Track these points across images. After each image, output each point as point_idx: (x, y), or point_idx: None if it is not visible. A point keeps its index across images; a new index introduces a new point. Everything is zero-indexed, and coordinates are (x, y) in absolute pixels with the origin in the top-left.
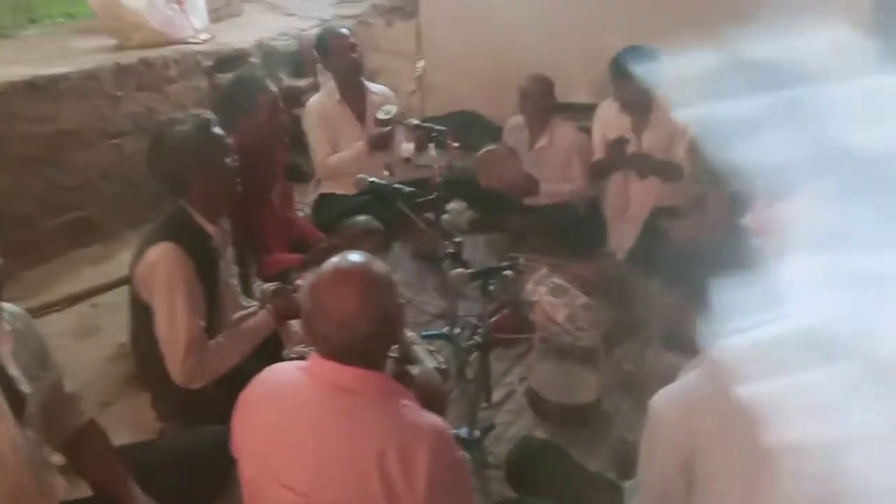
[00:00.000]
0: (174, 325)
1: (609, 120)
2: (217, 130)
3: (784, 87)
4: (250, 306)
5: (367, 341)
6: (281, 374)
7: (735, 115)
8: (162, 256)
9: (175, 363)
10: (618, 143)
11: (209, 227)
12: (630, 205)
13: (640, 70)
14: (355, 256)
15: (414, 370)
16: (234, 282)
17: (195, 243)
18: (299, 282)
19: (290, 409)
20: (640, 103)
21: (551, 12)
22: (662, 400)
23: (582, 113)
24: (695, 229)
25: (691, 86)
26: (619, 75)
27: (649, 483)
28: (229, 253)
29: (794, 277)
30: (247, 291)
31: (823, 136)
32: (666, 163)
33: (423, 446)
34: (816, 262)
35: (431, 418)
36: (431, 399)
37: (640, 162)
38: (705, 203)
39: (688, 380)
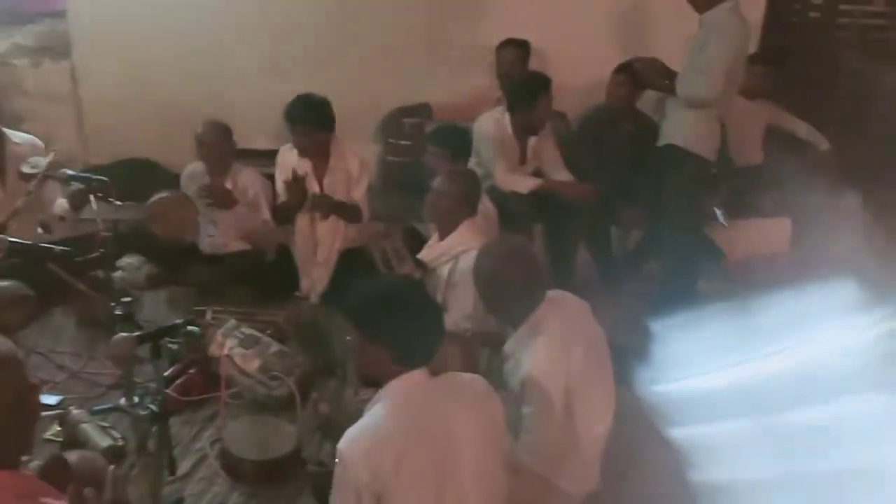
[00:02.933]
0: None
1: (290, 165)
2: None
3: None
4: None
5: None
6: None
7: None
8: None
9: None
10: (296, 182)
11: None
12: (318, 247)
13: (313, 117)
14: None
15: (72, 456)
16: None
17: None
18: None
19: None
20: (316, 150)
21: (224, 56)
22: (348, 442)
23: (265, 159)
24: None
25: None
26: (293, 123)
27: None
28: None
29: None
30: None
31: None
32: (346, 204)
33: None
34: None
35: None
36: (95, 486)
37: (321, 201)
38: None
39: (371, 416)
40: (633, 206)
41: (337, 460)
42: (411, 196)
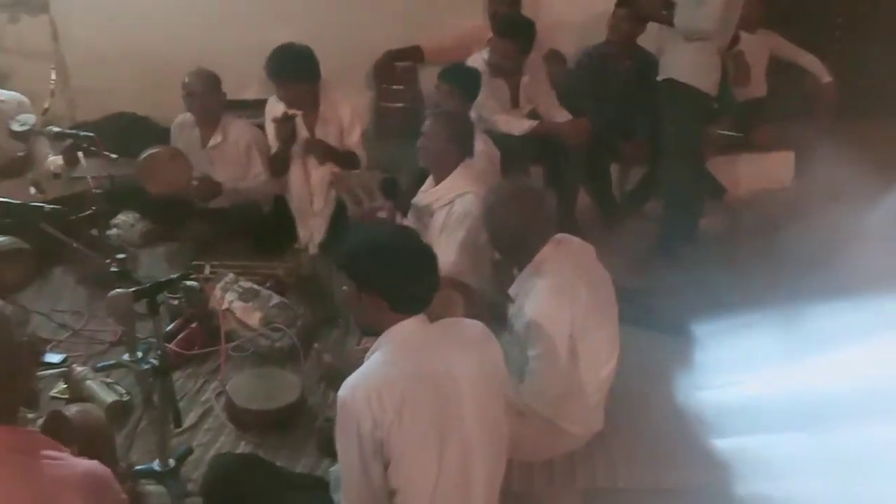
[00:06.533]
0: None
1: (278, 114)
2: None
3: None
4: None
5: None
6: None
7: None
8: None
9: None
10: (285, 120)
11: None
12: (314, 197)
13: (295, 70)
14: None
15: (70, 410)
16: None
17: None
18: None
19: None
20: (303, 101)
21: (210, 4)
22: (348, 390)
23: (255, 109)
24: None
25: None
26: (273, 78)
27: (349, 472)
28: None
29: None
30: None
31: None
32: (342, 151)
33: (74, 499)
34: None
35: (83, 465)
36: (96, 439)
37: (314, 146)
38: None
39: (371, 364)
40: (633, 144)
41: (338, 409)
42: (407, 143)
